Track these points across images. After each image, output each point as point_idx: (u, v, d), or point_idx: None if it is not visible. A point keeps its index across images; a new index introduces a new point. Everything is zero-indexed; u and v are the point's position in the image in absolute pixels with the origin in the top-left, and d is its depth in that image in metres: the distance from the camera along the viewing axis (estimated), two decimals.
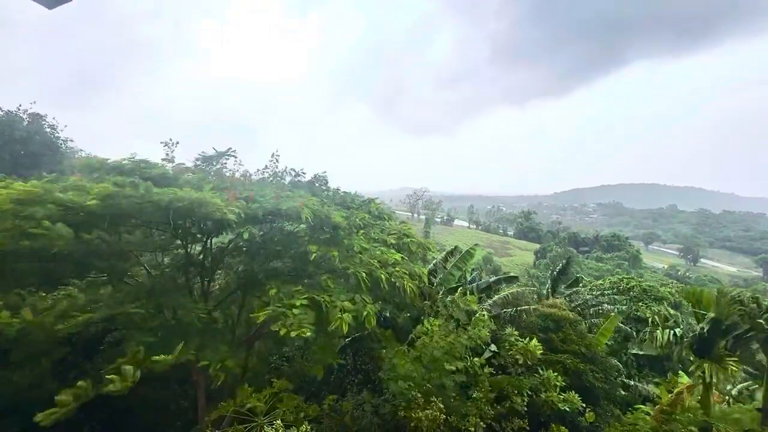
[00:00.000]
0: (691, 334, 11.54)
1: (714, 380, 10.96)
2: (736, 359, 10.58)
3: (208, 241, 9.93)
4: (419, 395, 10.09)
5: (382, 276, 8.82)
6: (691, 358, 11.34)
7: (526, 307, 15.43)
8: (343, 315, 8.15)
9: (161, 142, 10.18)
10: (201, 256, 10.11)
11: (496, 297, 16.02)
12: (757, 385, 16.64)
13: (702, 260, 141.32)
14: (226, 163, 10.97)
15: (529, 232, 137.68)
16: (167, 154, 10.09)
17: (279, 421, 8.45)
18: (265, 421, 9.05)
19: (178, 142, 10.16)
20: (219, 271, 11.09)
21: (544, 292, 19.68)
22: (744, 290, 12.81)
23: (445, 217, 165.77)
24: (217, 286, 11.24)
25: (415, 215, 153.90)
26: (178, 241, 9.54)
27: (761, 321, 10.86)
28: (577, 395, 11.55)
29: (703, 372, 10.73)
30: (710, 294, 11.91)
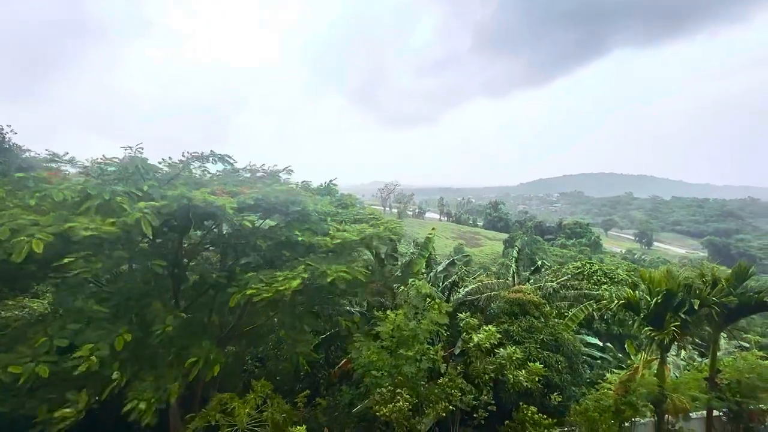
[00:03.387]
0: (645, 311, 12.38)
1: (666, 348, 11.86)
2: (678, 324, 11.39)
3: (183, 235, 9.61)
4: (385, 390, 10.18)
5: (353, 237, 9.18)
6: (645, 334, 12.15)
7: (492, 293, 15.91)
8: (339, 271, 8.58)
9: (122, 147, 9.29)
10: (176, 255, 9.74)
11: (470, 287, 16.43)
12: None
13: (655, 243, 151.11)
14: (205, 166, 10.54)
15: (497, 222, 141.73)
16: (128, 154, 9.35)
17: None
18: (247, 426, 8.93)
19: (142, 146, 9.33)
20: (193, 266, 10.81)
21: (511, 279, 20.39)
22: (692, 269, 13.83)
23: (416, 210, 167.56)
24: (191, 283, 10.90)
25: (387, 209, 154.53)
26: (156, 240, 9.21)
27: (706, 296, 11.81)
28: (539, 364, 12.09)
29: (656, 341, 11.55)
30: (660, 273, 12.77)
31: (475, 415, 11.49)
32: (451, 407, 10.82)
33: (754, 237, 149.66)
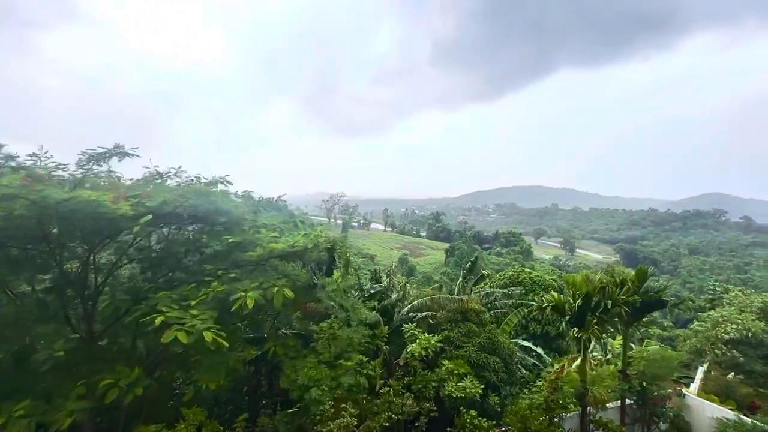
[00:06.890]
0: (570, 313, 13.63)
1: (586, 346, 13.12)
2: (596, 324, 12.69)
3: (91, 255, 8.61)
4: (328, 407, 9.95)
5: (279, 246, 8.68)
6: (570, 334, 13.35)
7: (433, 311, 16.25)
8: (247, 293, 8.01)
9: (28, 155, 7.97)
10: (81, 274, 8.70)
11: (415, 302, 16.60)
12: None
13: (577, 250, 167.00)
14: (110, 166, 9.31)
15: (440, 232, 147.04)
16: (36, 163, 8.14)
17: None
18: None
19: (49, 153, 8.12)
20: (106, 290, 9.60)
21: (455, 288, 21.17)
22: (605, 272, 15.55)
23: (361, 222, 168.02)
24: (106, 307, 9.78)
25: (332, 220, 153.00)
26: (51, 260, 8.10)
27: (617, 297, 13.34)
28: (477, 382, 12.67)
29: (579, 339, 12.74)
30: (581, 278, 14.18)
31: (416, 423, 11.68)
32: (394, 417, 10.90)
33: (654, 243, 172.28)
